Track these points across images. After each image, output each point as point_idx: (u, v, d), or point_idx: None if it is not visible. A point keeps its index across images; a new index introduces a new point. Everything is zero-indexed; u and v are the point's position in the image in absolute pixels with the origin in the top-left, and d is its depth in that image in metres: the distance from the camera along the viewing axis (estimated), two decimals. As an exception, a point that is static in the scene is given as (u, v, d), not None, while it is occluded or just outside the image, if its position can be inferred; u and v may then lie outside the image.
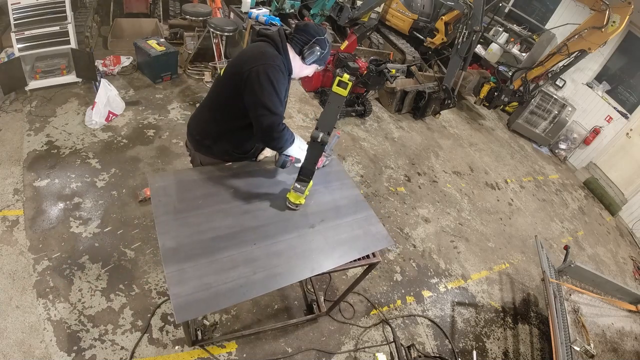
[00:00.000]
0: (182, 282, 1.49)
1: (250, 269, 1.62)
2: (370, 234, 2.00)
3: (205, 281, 1.52)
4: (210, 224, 1.74)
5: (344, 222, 2.00)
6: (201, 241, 1.66)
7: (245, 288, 1.55)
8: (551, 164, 6.43)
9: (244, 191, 1.97)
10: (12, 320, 2.20)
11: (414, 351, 2.62)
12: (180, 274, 1.51)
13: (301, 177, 1.86)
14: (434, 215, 4.13)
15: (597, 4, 4.83)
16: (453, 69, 5.27)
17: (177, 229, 1.67)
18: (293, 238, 1.82)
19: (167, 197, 1.80)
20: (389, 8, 7.12)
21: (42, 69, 3.84)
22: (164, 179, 1.93)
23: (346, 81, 1.61)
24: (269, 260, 1.69)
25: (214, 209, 1.82)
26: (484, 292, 3.48)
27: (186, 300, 1.44)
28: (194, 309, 1.45)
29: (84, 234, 2.75)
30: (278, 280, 1.64)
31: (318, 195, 2.08)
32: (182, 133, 3.92)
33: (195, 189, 1.90)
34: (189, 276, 1.52)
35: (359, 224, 2.02)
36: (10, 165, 3.08)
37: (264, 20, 4.53)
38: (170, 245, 1.60)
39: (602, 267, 4.50)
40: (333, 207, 2.06)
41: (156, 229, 1.64)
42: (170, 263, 1.54)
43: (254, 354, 2.42)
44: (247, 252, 1.68)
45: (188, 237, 1.66)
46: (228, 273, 1.58)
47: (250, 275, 1.60)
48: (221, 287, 1.52)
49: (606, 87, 6.36)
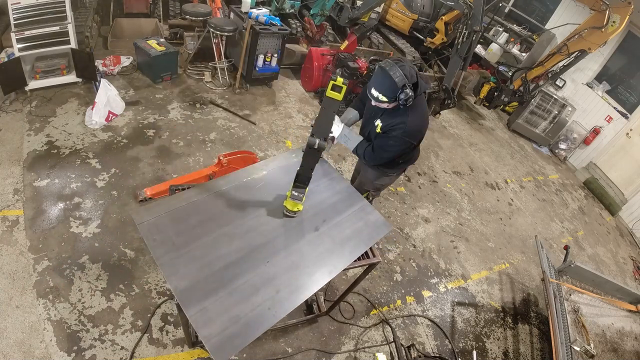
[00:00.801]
0: (209, 322, 1.39)
1: (272, 289, 1.57)
2: (370, 223, 2.04)
3: (232, 314, 1.44)
4: (216, 252, 1.64)
5: (344, 218, 2.02)
6: (213, 273, 1.56)
7: (273, 310, 1.50)
8: (551, 164, 6.43)
9: (239, 208, 1.88)
10: (12, 320, 2.20)
11: (414, 351, 2.61)
12: (203, 313, 1.41)
13: (297, 184, 1.83)
14: (434, 215, 4.13)
15: (597, 4, 4.82)
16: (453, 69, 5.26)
17: (184, 266, 1.55)
18: (303, 246, 1.80)
19: (162, 234, 1.64)
20: (389, 8, 7.12)
21: (42, 69, 3.84)
22: (150, 212, 1.72)
23: (340, 85, 1.57)
24: (287, 275, 1.65)
25: (215, 234, 1.71)
26: (484, 292, 3.48)
27: (220, 340, 1.36)
28: (231, 346, 1.37)
29: (84, 234, 2.75)
30: (302, 291, 1.62)
31: (312, 195, 2.07)
32: (182, 133, 3.93)
33: (188, 217, 1.74)
34: (214, 313, 1.43)
35: (358, 216, 2.05)
36: (10, 165, 3.08)
37: (264, 20, 4.53)
38: (183, 286, 1.48)
39: (602, 267, 4.50)
40: (330, 205, 2.07)
41: (162, 272, 1.53)
42: (190, 305, 1.42)
43: (254, 353, 2.42)
44: (263, 272, 1.62)
45: (198, 272, 1.54)
46: (251, 299, 1.51)
47: (274, 295, 1.55)
48: (250, 316, 1.46)
49: (606, 87, 6.36)
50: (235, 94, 4.81)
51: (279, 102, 4.99)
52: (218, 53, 4.81)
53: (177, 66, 4.74)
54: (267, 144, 4.18)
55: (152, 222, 1.68)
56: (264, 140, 4.22)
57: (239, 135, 4.16)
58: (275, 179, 2.12)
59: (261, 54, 4.65)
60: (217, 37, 4.65)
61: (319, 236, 1.88)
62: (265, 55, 4.67)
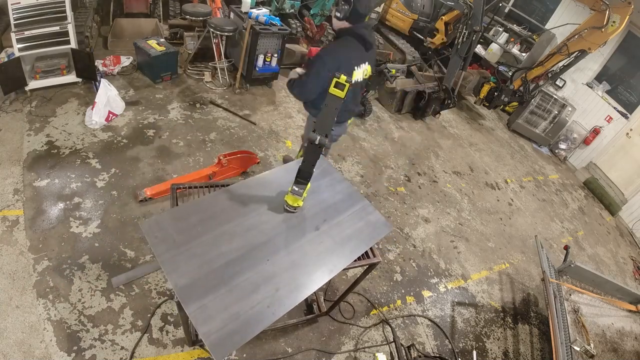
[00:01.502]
0: (208, 319, 1.41)
1: (272, 287, 1.58)
2: (371, 223, 2.05)
3: (231, 311, 1.46)
4: (217, 250, 1.66)
5: (345, 217, 2.02)
6: (214, 270, 1.57)
7: (273, 307, 1.52)
8: (551, 164, 6.44)
9: (240, 207, 1.88)
10: (12, 320, 2.20)
11: (414, 351, 2.61)
12: (203, 310, 1.43)
13: (299, 180, 1.84)
14: (434, 215, 4.13)
15: (597, 4, 4.83)
16: (453, 69, 5.27)
17: (184, 263, 1.57)
18: (303, 244, 1.81)
19: (163, 231, 1.66)
20: (389, 8, 7.13)
21: (42, 69, 3.84)
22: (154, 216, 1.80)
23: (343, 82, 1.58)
24: (287, 274, 1.65)
25: (216, 232, 1.73)
26: (484, 292, 3.48)
27: (219, 336, 1.38)
28: (230, 342, 1.38)
29: (84, 234, 2.75)
30: (302, 290, 1.63)
31: (313, 195, 2.07)
32: (182, 133, 3.93)
33: (189, 216, 1.77)
34: (213, 311, 1.44)
35: (358, 216, 2.06)
36: (10, 165, 3.08)
37: (264, 20, 4.53)
38: (183, 282, 1.50)
39: (602, 267, 4.50)
40: (331, 205, 2.08)
41: (163, 269, 1.55)
42: (190, 302, 1.44)
43: (254, 354, 2.42)
44: (263, 270, 1.64)
45: (199, 269, 1.56)
46: (251, 297, 1.53)
47: (273, 294, 1.56)
48: (249, 313, 1.48)
49: (606, 87, 6.36)
50: (235, 94, 4.81)
51: (279, 102, 4.99)
52: (218, 53, 4.81)
53: (177, 66, 4.74)
54: (267, 144, 4.18)
55: (154, 220, 1.70)
56: (264, 140, 4.22)
57: (239, 135, 4.16)
58: (277, 177, 2.13)
59: (261, 54, 4.65)
60: (217, 37, 4.66)
61: (319, 235, 1.88)
62: (265, 55, 4.68)
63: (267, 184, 2.09)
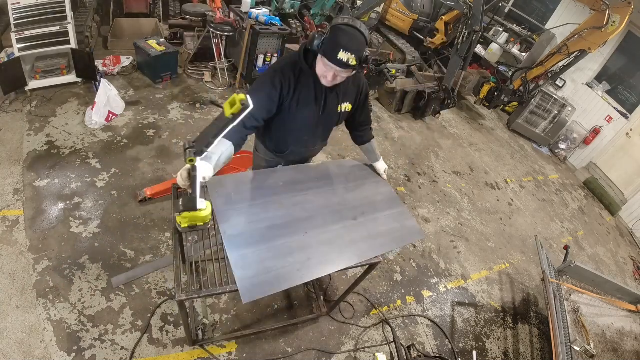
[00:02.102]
0: (245, 267, 1.59)
1: (305, 255, 1.74)
2: (405, 227, 2.15)
3: (266, 265, 1.63)
4: (265, 214, 1.85)
5: (383, 216, 2.13)
6: (258, 229, 1.77)
7: (302, 272, 1.67)
8: (551, 164, 6.44)
9: (292, 185, 2.09)
10: (12, 320, 2.20)
11: (414, 351, 2.61)
12: (242, 258, 1.61)
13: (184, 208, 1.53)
14: (434, 215, 4.13)
15: (597, 4, 4.83)
16: (453, 69, 5.27)
17: (235, 217, 1.77)
18: (339, 229, 1.94)
19: (224, 188, 1.89)
20: (389, 8, 7.13)
21: (42, 69, 3.84)
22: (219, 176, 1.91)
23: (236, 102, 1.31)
24: (320, 248, 1.80)
25: (267, 200, 1.94)
26: (484, 292, 3.48)
27: (251, 282, 1.54)
28: (258, 289, 1.55)
29: (84, 234, 2.75)
30: (331, 265, 1.78)
31: (357, 190, 2.23)
32: (182, 133, 3.93)
33: (248, 182, 2.03)
34: (251, 260, 1.62)
35: (395, 218, 2.15)
36: (10, 165, 3.08)
37: (264, 20, 4.53)
38: (231, 232, 1.69)
39: (602, 267, 4.50)
40: (371, 202, 2.19)
41: (217, 218, 1.73)
42: (233, 249, 1.63)
43: (254, 354, 2.42)
44: (300, 240, 1.80)
45: (246, 225, 1.76)
46: (285, 258, 1.69)
47: (305, 261, 1.71)
48: (281, 271, 1.63)
49: (606, 87, 6.36)
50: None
51: (279, 102, 4.98)
52: (218, 53, 4.82)
53: (177, 66, 4.74)
54: (267, 144, 4.18)
55: (218, 179, 1.91)
56: (264, 140, 4.22)
57: (239, 135, 4.15)
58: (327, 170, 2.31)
59: (261, 54, 4.65)
60: (217, 37, 4.66)
61: (355, 225, 2.00)
62: (265, 55, 4.68)
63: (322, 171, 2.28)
